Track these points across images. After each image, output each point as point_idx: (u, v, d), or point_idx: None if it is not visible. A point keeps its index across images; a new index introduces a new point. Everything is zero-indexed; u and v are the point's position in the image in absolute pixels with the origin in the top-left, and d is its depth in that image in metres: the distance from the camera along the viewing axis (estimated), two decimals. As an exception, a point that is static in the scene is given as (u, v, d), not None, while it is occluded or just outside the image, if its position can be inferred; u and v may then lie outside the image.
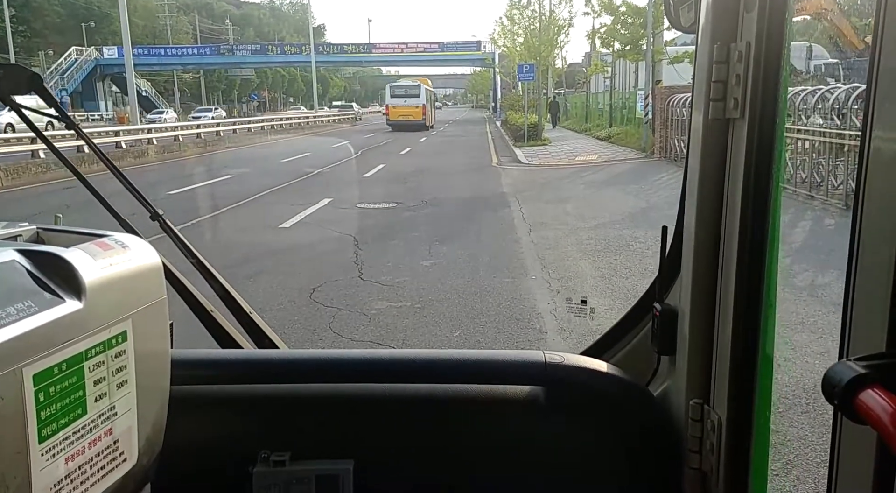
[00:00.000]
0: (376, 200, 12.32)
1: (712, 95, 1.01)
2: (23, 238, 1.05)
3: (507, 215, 10.55)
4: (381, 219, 10.69)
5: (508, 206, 11.52)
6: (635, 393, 1.31)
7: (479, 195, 13.26)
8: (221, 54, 67.75)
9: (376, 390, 1.34)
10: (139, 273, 0.95)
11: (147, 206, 1.49)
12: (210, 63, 68.52)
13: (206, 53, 67.34)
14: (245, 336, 1.55)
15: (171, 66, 68.82)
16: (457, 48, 67.91)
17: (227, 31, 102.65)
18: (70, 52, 63.54)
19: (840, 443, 0.79)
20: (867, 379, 0.64)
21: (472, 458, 1.33)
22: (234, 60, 68.54)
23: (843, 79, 23.04)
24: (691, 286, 1.12)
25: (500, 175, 16.75)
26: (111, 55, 65.64)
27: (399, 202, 12.01)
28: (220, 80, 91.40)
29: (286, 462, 1.27)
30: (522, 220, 10.08)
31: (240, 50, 68.90)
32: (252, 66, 71.95)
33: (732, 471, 1.08)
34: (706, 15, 1.03)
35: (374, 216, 10.91)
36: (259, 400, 1.34)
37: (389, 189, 14.08)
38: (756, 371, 1.04)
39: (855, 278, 0.76)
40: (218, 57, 67.59)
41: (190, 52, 67.50)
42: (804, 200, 10.06)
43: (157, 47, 68.68)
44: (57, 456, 0.83)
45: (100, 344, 0.87)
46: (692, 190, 1.10)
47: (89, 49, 65.18)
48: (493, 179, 16.02)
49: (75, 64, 62.91)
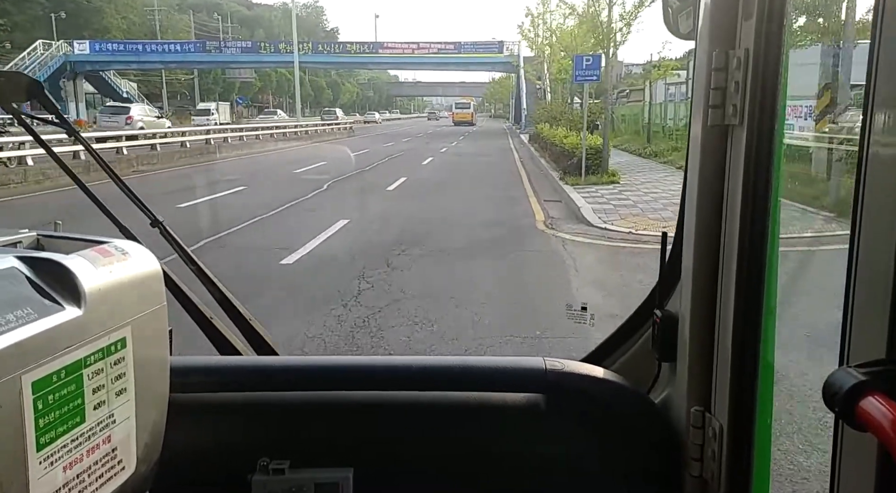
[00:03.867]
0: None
1: (711, 102, 1.02)
2: (23, 245, 1.05)
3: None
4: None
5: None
6: (636, 400, 1.30)
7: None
8: (208, 52, 59.36)
9: (376, 398, 1.33)
10: (139, 280, 0.95)
11: (147, 213, 1.48)
12: (194, 61, 60.19)
13: (190, 50, 59.03)
14: (244, 343, 1.55)
15: (150, 64, 60.74)
16: (475, 49, 58.95)
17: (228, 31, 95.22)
18: (35, 47, 55.66)
19: (841, 450, 0.79)
20: (868, 386, 0.64)
21: (471, 466, 1.32)
22: (223, 59, 60.10)
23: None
24: (691, 293, 1.12)
25: (563, 268, 8.01)
26: (82, 51, 57.67)
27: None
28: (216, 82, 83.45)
29: (285, 470, 1.26)
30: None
31: (229, 47, 60.51)
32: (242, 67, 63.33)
33: (734, 479, 1.08)
34: (704, 22, 1.04)
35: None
36: (258, 408, 1.34)
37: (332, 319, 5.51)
38: (757, 378, 1.04)
39: (854, 284, 0.76)
40: (204, 55, 59.22)
41: (173, 49, 59.26)
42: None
43: (134, 42, 60.52)
44: (55, 464, 0.83)
45: (99, 351, 0.88)
46: (692, 197, 1.11)
47: (58, 43, 57.22)
48: (554, 285, 7.31)
49: (38, 60, 55.02)
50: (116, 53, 58.40)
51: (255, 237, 9.93)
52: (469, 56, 58.56)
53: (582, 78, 14.73)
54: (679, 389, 1.19)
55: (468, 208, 12.90)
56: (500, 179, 17.99)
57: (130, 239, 1.13)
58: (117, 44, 59.15)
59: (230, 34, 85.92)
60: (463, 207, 13.05)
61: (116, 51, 58.54)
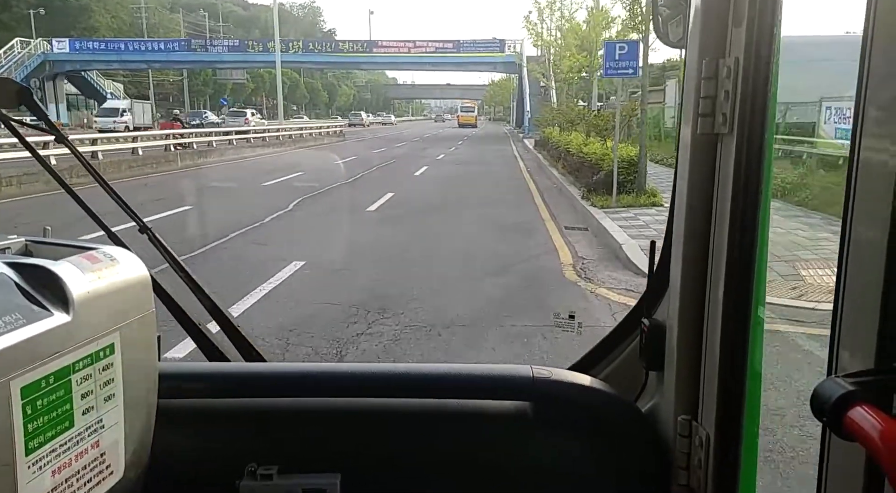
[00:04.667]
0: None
1: (701, 111, 1.02)
2: (11, 250, 1.05)
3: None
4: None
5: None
6: (623, 409, 1.29)
7: None
8: (193, 51, 56.34)
9: (364, 405, 1.33)
10: (127, 286, 0.95)
11: (136, 219, 1.47)
12: (179, 61, 57.19)
13: (174, 49, 56.03)
14: (232, 350, 1.53)
15: (132, 64, 57.76)
16: (475, 48, 55.88)
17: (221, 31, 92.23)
18: (12, 45, 52.61)
19: (829, 460, 0.79)
20: (856, 396, 0.64)
21: (459, 473, 1.32)
22: (209, 58, 57.05)
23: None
24: (679, 302, 1.11)
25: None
26: (62, 49, 54.66)
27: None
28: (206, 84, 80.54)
29: (273, 476, 1.25)
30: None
31: (215, 46, 57.42)
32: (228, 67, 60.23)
33: (721, 488, 1.08)
34: (694, 30, 1.04)
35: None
36: (246, 413, 1.34)
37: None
38: (744, 387, 1.04)
39: (843, 293, 0.76)
40: (189, 54, 56.21)
41: (156, 48, 56.27)
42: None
43: (116, 41, 57.56)
44: (44, 469, 0.83)
45: (87, 357, 0.88)
46: (680, 205, 1.10)
47: (36, 41, 54.16)
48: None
49: (15, 59, 51.96)
50: (97, 52, 55.42)
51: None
52: (469, 55, 55.49)
53: (613, 71, 11.38)
54: (666, 397, 1.19)
55: (469, 242, 9.86)
56: (506, 197, 14.94)
57: (119, 245, 1.11)
58: (98, 42, 56.24)
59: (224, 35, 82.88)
60: (463, 241, 10.01)
61: (97, 49, 55.57)
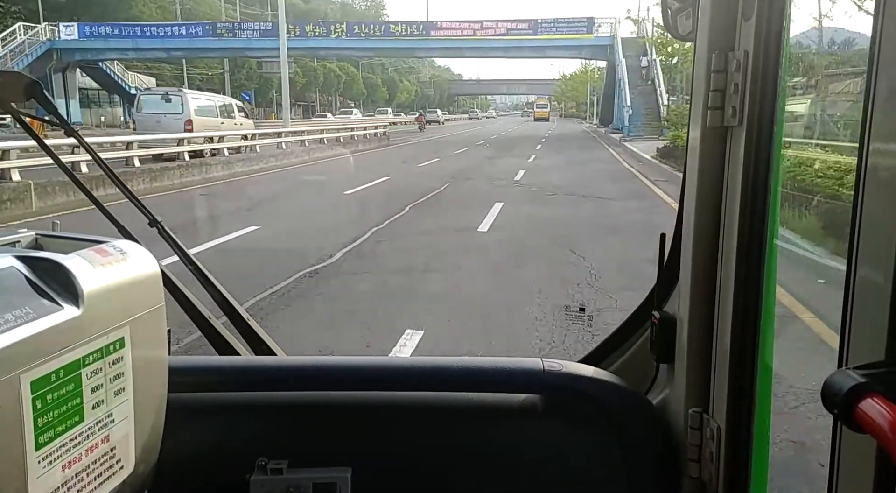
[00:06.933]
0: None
1: (710, 104, 1.02)
2: (21, 244, 1.06)
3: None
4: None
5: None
6: (634, 402, 1.29)
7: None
8: (220, 36, 47.79)
9: (375, 398, 1.34)
10: (137, 280, 0.95)
11: (146, 213, 1.48)
12: (204, 48, 48.77)
13: (198, 34, 47.64)
14: (243, 343, 1.55)
15: (150, 52, 49.71)
16: (557, 29, 45.30)
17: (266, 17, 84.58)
18: (14, 30, 45.37)
19: (840, 452, 0.80)
20: (867, 388, 0.64)
21: (469, 466, 1.32)
22: (238, 45, 48.35)
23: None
24: (689, 294, 1.12)
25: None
26: (70, 36, 46.94)
27: None
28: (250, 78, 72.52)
29: (284, 470, 1.25)
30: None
31: (244, 30, 48.78)
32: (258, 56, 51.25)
33: (732, 480, 1.08)
34: (703, 23, 1.04)
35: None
36: (257, 408, 1.34)
37: None
38: (755, 380, 1.04)
39: (854, 285, 0.76)
40: (214, 40, 47.68)
41: (177, 33, 47.99)
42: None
43: (131, 24, 49.48)
44: (54, 463, 0.83)
45: (97, 351, 0.88)
46: (690, 198, 1.11)
47: (41, 26, 46.80)
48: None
49: (16, 47, 44.65)
50: (110, 38, 47.43)
51: None
52: (548, 38, 44.96)
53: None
54: (677, 390, 1.21)
55: None
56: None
57: (129, 239, 1.11)
58: (111, 26, 48.19)
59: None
60: None
61: (111, 35, 47.61)
